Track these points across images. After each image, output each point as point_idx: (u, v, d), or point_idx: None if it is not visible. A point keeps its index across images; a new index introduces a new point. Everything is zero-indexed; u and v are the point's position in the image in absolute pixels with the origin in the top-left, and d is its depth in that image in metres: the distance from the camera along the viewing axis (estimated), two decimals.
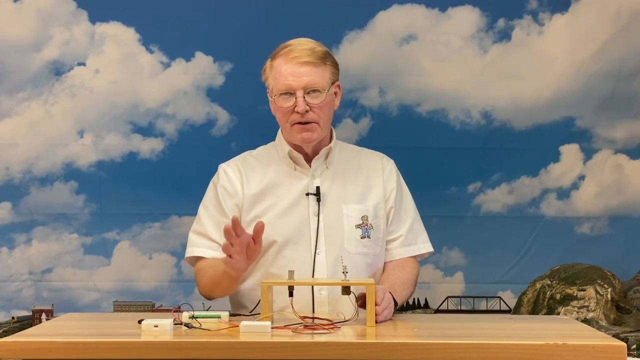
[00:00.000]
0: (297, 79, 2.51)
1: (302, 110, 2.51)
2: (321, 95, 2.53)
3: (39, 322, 3.82)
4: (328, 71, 2.57)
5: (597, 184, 4.00)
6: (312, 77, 2.52)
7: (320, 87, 2.53)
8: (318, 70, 2.53)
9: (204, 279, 2.55)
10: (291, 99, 2.52)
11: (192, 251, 2.62)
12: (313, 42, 2.59)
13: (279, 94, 2.53)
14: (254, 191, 2.61)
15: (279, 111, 2.57)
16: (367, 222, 2.60)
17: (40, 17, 3.92)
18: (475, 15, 3.95)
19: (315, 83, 2.52)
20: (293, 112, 2.53)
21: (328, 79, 2.56)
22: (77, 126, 3.95)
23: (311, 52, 2.53)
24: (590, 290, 3.85)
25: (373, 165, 2.70)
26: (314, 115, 2.53)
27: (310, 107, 2.52)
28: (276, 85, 2.54)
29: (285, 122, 2.57)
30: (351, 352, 1.96)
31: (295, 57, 2.52)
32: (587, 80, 3.94)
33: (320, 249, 2.54)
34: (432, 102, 3.96)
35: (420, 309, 3.96)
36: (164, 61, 3.95)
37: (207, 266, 2.56)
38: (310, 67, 2.52)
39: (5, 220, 3.95)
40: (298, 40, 2.58)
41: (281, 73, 2.53)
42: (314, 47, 2.56)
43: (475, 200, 3.99)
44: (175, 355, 1.96)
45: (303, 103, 2.51)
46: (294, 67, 2.52)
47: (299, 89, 2.51)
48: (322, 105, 2.53)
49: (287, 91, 2.52)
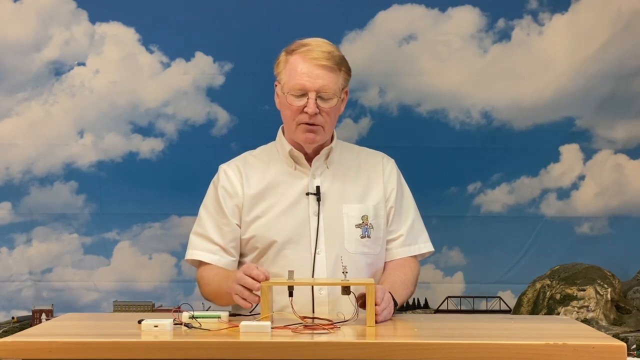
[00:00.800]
0: (313, 80, 2.51)
1: (312, 113, 2.51)
2: (332, 100, 2.54)
3: (39, 322, 3.82)
4: (341, 77, 2.57)
5: (597, 184, 3.99)
6: (326, 82, 2.52)
7: (332, 93, 2.53)
8: (333, 76, 2.53)
9: (208, 288, 2.58)
10: (302, 100, 2.52)
11: (193, 254, 2.63)
12: (331, 45, 2.59)
13: (291, 92, 2.53)
14: (254, 191, 2.61)
15: (287, 108, 2.56)
16: (367, 221, 2.60)
17: (40, 17, 3.92)
18: (475, 15, 3.95)
19: (329, 88, 2.52)
20: (302, 112, 2.53)
21: (340, 85, 2.57)
22: (77, 126, 3.95)
23: (330, 55, 2.53)
24: (590, 290, 3.85)
25: (373, 165, 2.70)
26: (322, 119, 2.54)
27: (320, 110, 2.53)
28: (289, 83, 2.54)
29: (291, 120, 2.57)
30: (351, 352, 1.96)
31: (314, 58, 2.51)
32: (587, 80, 3.94)
33: (320, 248, 2.54)
34: (432, 102, 3.96)
35: (420, 309, 3.96)
36: (164, 61, 3.95)
37: (210, 276, 2.57)
38: (327, 71, 2.52)
39: (5, 220, 3.95)
40: (316, 41, 2.57)
41: (297, 71, 2.52)
42: (332, 50, 2.55)
43: (475, 200, 3.99)
44: (175, 355, 1.96)
45: (314, 105, 2.51)
46: (311, 68, 2.51)
47: (312, 90, 2.51)
48: (330, 110, 2.55)
49: (301, 91, 2.52)
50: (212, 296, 2.58)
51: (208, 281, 2.57)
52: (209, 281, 2.57)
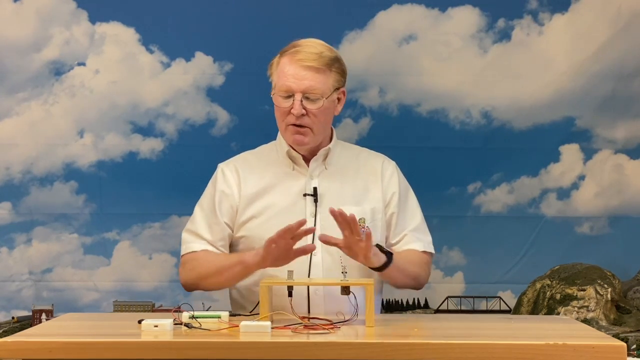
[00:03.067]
0: (298, 81, 2.51)
1: (298, 114, 2.51)
2: (319, 101, 2.53)
3: (39, 322, 3.82)
4: (332, 78, 2.56)
5: (597, 184, 3.99)
6: (312, 83, 2.52)
7: (320, 93, 2.52)
8: (320, 77, 2.53)
9: (199, 268, 2.55)
10: (289, 101, 2.52)
11: (187, 248, 2.62)
12: (323, 45, 2.58)
13: (279, 94, 2.54)
14: (251, 191, 2.62)
15: (277, 110, 2.58)
16: (363, 224, 2.60)
17: (40, 17, 3.92)
18: (475, 15, 3.95)
19: (315, 89, 2.52)
20: (289, 113, 2.53)
21: (330, 85, 2.55)
22: (77, 126, 3.95)
23: (318, 56, 2.52)
24: (590, 290, 3.85)
25: (373, 167, 2.70)
26: (309, 120, 2.53)
27: (307, 111, 2.52)
28: (277, 84, 2.55)
29: (281, 121, 2.58)
30: (351, 352, 1.96)
31: (300, 59, 2.51)
32: (587, 80, 3.94)
33: (316, 250, 2.54)
34: (432, 102, 3.96)
35: (420, 309, 3.96)
36: (164, 61, 3.95)
37: (206, 256, 2.56)
38: (313, 72, 2.52)
39: (5, 220, 3.95)
40: (308, 43, 2.57)
41: (284, 73, 2.53)
42: (322, 51, 2.54)
43: (475, 200, 3.99)
44: (175, 355, 1.96)
45: (299, 106, 2.51)
46: (297, 69, 2.52)
47: (298, 91, 2.51)
48: (318, 111, 2.53)
49: (287, 92, 2.53)
50: (208, 274, 2.54)
51: (201, 260, 2.55)
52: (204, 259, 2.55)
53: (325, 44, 2.59)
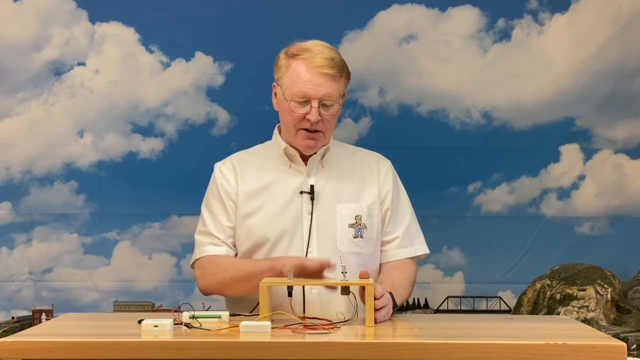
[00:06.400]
0: (316, 88, 2.51)
1: (315, 121, 2.52)
2: (333, 107, 2.55)
3: (39, 322, 3.82)
4: (342, 83, 2.58)
5: (597, 184, 3.99)
6: (329, 90, 2.52)
7: (334, 100, 2.54)
8: (335, 83, 2.54)
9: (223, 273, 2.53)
10: (305, 107, 2.52)
11: (202, 252, 2.61)
12: (332, 49, 2.58)
13: (294, 99, 2.53)
14: (249, 189, 2.62)
15: (289, 114, 2.56)
16: (360, 221, 2.61)
17: (40, 17, 3.92)
18: (475, 15, 3.95)
19: (331, 96, 2.53)
20: (304, 118, 2.53)
21: (341, 90, 2.58)
22: (77, 126, 3.95)
23: (332, 62, 2.53)
24: (590, 290, 3.85)
25: (369, 166, 2.71)
26: (322, 125, 2.55)
27: (322, 117, 2.53)
28: (292, 89, 2.53)
29: (292, 125, 2.57)
30: (351, 352, 1.96)
31: (317, 65, 2.51)
32: (587, 80, 3.94)
33: (312, 247, 2.54)
34: (432, 102, 3.96)
35: (420, 309, 3.96)
36: (164, 61, 3.95)
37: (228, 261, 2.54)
38: (329, 79, 2.52)
39: (5, 220, 3.95)
40: (318, 46, 2.56)
41: (300, 78, 2.51)
42: (335, 56, 2.55)
43: (475, 200, 3.99)
44: (175, 355, 1.96)
45: (317, 114, 2.51)
46: (315, 76, 2.51)
47: (315, 98, 2.51)
48: (331, 117, 2.56)
49: (304, 98, 2.52)
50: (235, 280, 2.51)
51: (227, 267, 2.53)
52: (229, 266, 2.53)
53: (331, 47, 2.60)
